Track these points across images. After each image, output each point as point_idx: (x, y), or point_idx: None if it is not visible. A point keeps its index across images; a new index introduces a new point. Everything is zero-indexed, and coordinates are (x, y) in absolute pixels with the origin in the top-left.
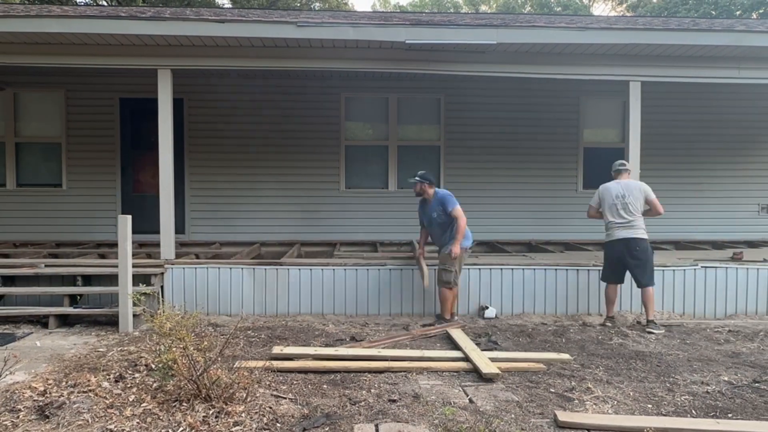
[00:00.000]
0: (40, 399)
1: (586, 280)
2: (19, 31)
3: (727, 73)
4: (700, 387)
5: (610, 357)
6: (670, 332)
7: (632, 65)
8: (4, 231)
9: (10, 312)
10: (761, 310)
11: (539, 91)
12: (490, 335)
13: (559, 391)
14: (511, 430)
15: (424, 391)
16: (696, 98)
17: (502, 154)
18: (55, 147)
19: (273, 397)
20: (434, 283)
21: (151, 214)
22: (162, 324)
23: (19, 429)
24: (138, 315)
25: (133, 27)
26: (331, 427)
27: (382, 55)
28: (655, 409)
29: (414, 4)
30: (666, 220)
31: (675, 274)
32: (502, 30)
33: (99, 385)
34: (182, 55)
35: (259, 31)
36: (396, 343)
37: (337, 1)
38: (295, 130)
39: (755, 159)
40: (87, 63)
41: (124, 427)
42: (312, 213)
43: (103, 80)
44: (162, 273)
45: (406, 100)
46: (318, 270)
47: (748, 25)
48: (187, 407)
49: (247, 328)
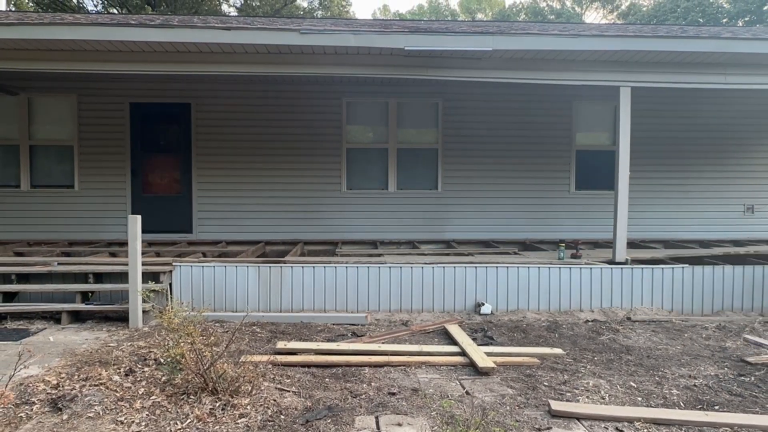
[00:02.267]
0: (53, 392)
1: (578, 278)
2: (32, 38)
3: (714, 79)
4: (688, 380)
5: (601, 351)
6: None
7: (623, 71)
8: (19, 230)
9: (24, 308)
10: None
11: (533, 95)
12: (486, 331)
13: (552, 384)
14: (507, 421)
15: (422, 384)
16: (684, 102)
17: (498, 156)
18: (67, 150)
19: (277, 390)
20: (432, 280)
21: (160, 215)
22: (170, 320)
23: (33, 421)
24: (147, 311)
25: (142, 34)
26: (333, 419)
27: (382, 61)
28: (645, 401)
29: (413, 13)
30: (655, 220)
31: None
32: (497, 37)
33: (110, 378)
34: (190, 61)
35: (264, 38)
36: (395, 339)
37: (339, 10)
38: (299, 134)
39: (741, 161)
40: (98, 69)
41: (133, 419)
42: (314, 213)
43: (114, 85)
44: (171, 271)
45: (406, 104)
46: (320, 268)
47: (734, 33)
48: (195, 400)
49: (252, 323)
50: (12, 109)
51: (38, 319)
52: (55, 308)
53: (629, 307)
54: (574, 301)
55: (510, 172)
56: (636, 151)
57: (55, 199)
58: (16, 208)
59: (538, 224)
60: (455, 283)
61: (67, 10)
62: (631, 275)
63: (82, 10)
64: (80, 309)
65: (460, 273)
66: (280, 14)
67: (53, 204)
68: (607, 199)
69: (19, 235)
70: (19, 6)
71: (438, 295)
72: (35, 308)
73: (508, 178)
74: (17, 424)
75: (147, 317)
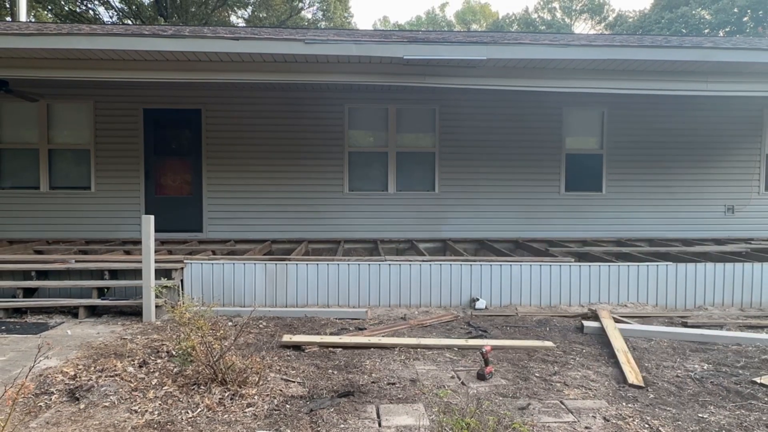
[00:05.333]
0: (71, 382)
1: (568, 275)
2: (52, 48)
3: (696, 86)
4: (669, 371)
5: (589, 344)
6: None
7: (610, 79)
8: (38, 230)
9: (43, 303)
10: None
11: (526, 102)
12: (480, 325)
13: (543, 375)
14: (499, 410)
15: (420, 375)
16: (668, 109)
17: (492, 159)
18: (84, 153)
19: (283, 381)
20: (429, 277)
21: (172, 215)
22: (182, 314)
23: (51, 410)
24: (160, 306)
25: (155, 44)
26: (336, 408)
27: (382, 69)
28: (626, 389)
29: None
30: (641, 220)
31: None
32: (491, 47)
33: (124, 370)
34: (200, 70)
35: (271, 48)
36: (395, 332)
37: (342, 21)
38: (303, 138)
39: (722, 164)
40: (113, 77)
41: (147, 408)
42: (318, 213)
43: (128, 92)
44: (182, 268)
45: (404, 110)
46: (324, 265)
47: (715, 43)
48: (205, 390)
49: (259, 318)
50: (32, 115)
51: (57, 314)
52: (72, 303)
53: (616, 302)
54: (563, 297)
55: (503, 175)
56: (624, 155)
57: (73, 200)
58: (36, 209)
59: (530, 224)
60: (451, 280)
61: (84, 22)
62: (617, 272)
63: (98, 21)
64: (96, 304)
65: (456, 270)
66: (285, 25)
67: (71, 205)
68: (594, 200)
69: (38, 234)
70: (38, 17)
71: (435, 291)
72: (54, 303)
73: (501, 180)
74: (37, 413)
75: (159, 312)
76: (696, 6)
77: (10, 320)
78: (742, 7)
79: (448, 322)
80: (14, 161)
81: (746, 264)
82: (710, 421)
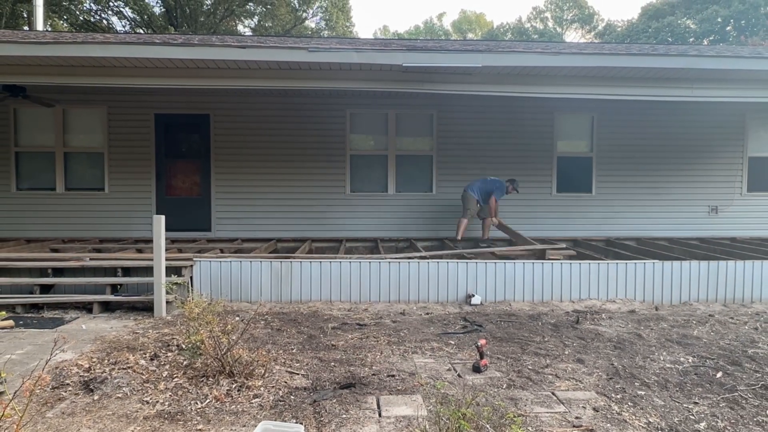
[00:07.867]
0: (85, 375)
1: (559, 272)
2: (67, 55)
3: (682, 92)
4: (656, 364)
5: (581, 338)
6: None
7: (599, 85)
8: (54, 229)
9: (59, 299)
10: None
11: (519, 107)
12: (475, 320)
13: (536, 367)
14: (494, 402)
15: (419, 368)
16: (654, 114)
17: (487, 161)
18: (98, 156)
19: (288, 373)
20: (427, 274)
21: (181, 215)
22: (191, 310)
23: (67, 401)
24: (170, 302)
25: (166, 52)
26: (339, 399)
27: (382, 76)
28: (615, 381)
29: (410, 33)
30: (628, 219)
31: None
32: (486, 54)
33: (136, 362)
34: (209, 76)
35: (276, 56)
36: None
37: (343, 30)
38: (307, 141)
39: (705, 166)
40: (126, 83)
41: (158, 399)
42: (321, 213)
43: (140, 98)
44: (191, 265)
45: (403, 115)
46: (326, 263)
47: (700, 51)
48: (213, 382)
49: (265, 313)
50: (48, 120)
51: (72, 309)
52: (87, 299)
53: (605, 298)
54: (555, 293)
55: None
56: (612, 158)
57: (87, 200)
58: (52, 209)
59: (524, 223)
60: (448, 277)
61: (98, 30)
62: (606, 269)
63: (111, 30)
64: (110, 300)
65: (452, 267)
66: (290, 34)
67: (85, 205)
68: (584, 201)
69: (54, 233)
70: (54, 26)
71: (432, 288)
72: (69, 299)
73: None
74: (53, 403)
75: (170, 307)
76: (681, 16)
77: (28, 315)
78: (726, 17)
79: (445, 317)
80: (32, 164)
81: (729, 262)
82: (695, 412)
